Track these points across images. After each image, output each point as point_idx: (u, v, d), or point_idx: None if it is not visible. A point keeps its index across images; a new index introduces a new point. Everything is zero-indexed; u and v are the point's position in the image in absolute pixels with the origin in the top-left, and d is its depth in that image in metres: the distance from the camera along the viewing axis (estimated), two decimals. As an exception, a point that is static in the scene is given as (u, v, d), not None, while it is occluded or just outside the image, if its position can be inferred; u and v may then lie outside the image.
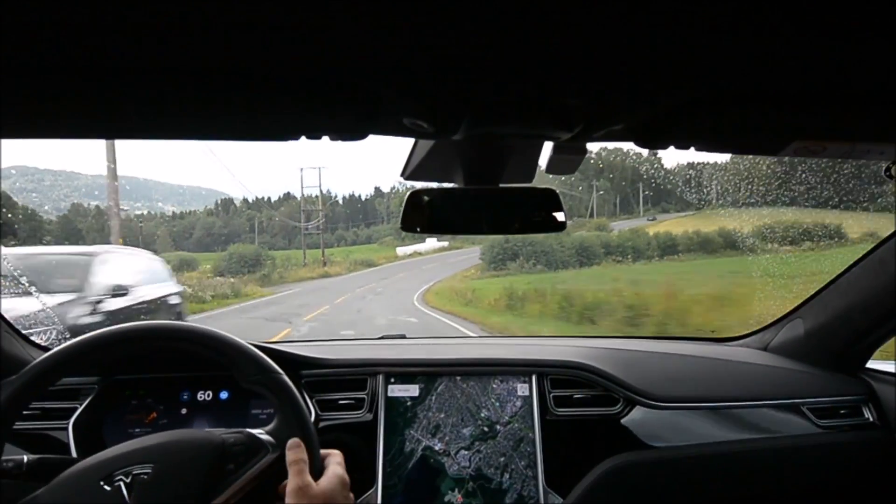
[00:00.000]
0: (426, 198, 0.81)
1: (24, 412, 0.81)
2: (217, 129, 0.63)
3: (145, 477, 0.72)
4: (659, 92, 0.57)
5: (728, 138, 0.68)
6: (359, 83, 0.53)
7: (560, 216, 0.81)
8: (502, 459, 1.15)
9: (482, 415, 1.17)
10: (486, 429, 1.17)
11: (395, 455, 1.14)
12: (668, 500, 1.16)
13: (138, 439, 0.80)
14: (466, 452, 1.15)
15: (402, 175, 0.92)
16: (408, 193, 0.81)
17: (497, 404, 1.18)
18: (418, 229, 0.82)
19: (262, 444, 0.79)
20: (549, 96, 0.57)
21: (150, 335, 0.84)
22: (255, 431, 0.81)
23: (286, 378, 0.83)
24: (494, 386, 1.19)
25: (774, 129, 0.63)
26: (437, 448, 1.15)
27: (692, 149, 0.70)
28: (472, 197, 0.83)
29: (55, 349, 0.80)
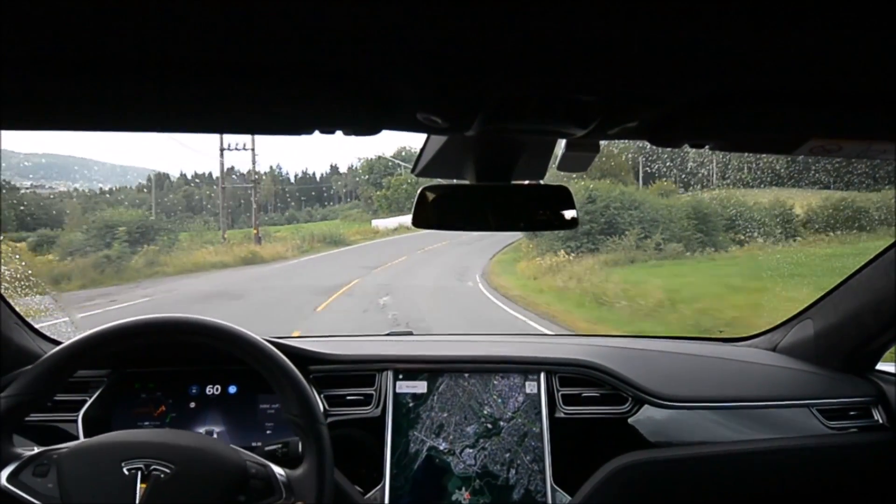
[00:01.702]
0: (436, 193, 0.82)
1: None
2: (230, 122, 0.64)
3: (162, 476, 0.74)
4: (675, 89, 0.56)
5: (743, 137, 0.68)
6: (374, 78, 0.53)
7: (572, 213, 0.81)
8: (507, 455, 1.15)
9: (485, 412, 1.18)
10: (489, 426, 1.17)
11: (400, 456, 1.14)
12: (675, 499, 1.16)
13: (164, 431, 0.81)
14: (471, 450, 1.15)
15: (413, 171, 0.92)
16: (419, 189, 0.82)
17: (499, 401, 1.19)
18: (428, 225, 0.83)
19: (278, 486, 0.79)
20: (565, 93, 0.57)
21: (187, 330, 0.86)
22: (276, 470, 0.81)
23: (327, 432, 0.83)
24: (496, 382, 1.20)
25: (790, 128, 0.62)
26: (441, 448, 1.15)
27: (706, 147, 0.70)
28: (484, 193, 0.83)
29: (74, 339, 0.81)
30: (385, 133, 0.69)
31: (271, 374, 0.85)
